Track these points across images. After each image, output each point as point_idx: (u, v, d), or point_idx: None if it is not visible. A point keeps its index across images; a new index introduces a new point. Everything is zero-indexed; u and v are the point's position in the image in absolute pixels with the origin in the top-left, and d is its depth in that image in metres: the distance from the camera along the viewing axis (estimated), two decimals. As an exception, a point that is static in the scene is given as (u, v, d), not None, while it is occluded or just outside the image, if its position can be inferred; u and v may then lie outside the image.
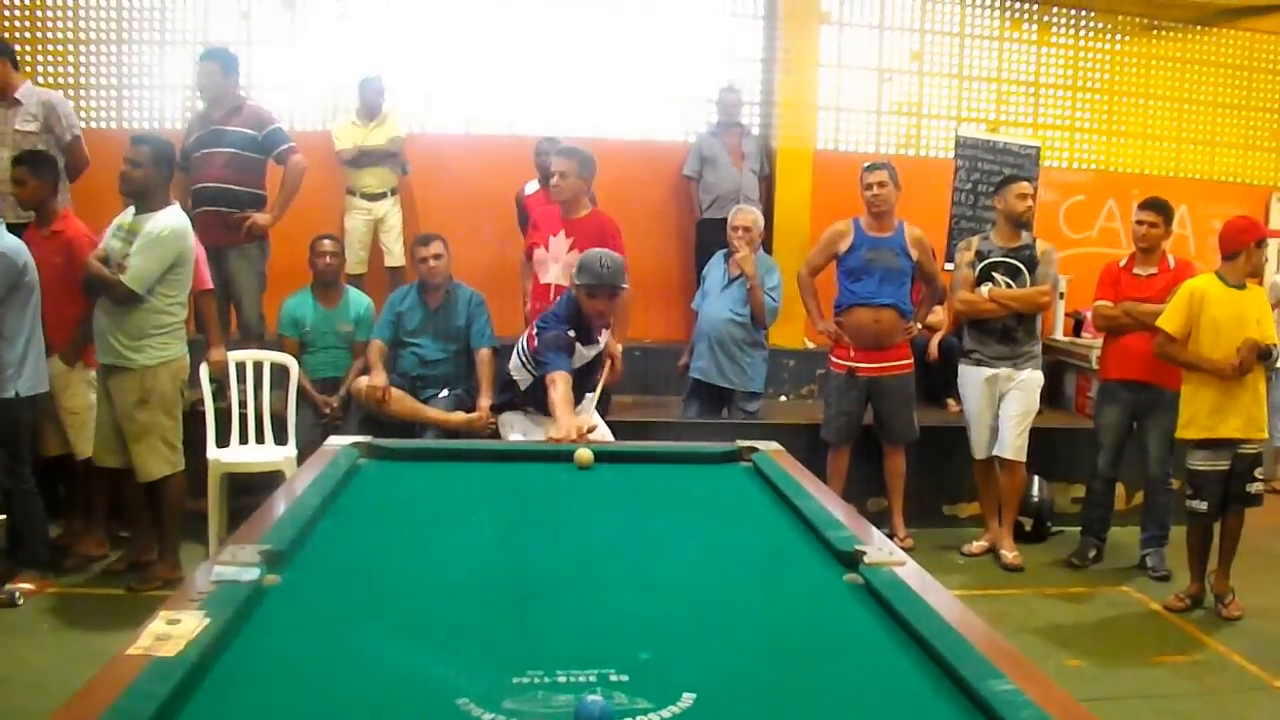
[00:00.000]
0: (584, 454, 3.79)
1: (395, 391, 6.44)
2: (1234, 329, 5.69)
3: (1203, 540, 5.95)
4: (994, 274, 6.47)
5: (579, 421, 4.40)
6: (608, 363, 5.50)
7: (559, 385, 4.65)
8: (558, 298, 5.62)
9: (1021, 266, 6.44)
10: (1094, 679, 4.89)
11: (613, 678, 1.99)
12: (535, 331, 5.14)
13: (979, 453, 6.70)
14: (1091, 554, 6.72)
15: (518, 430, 5.37)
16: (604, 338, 5.31)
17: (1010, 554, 6.67)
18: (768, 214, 8.45)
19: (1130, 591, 6.27)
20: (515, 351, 5.36)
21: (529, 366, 5.19)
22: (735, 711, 1.93)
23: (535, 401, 5.17)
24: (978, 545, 6.80)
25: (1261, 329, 5.72)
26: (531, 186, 7.93)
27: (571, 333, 4.95)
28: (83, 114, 8.29)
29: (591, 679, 1.97)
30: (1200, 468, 5.82)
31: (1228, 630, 5.66)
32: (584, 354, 5.06)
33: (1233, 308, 5.73)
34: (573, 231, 6.11)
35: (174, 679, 1.86)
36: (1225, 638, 5.55)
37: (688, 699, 1.92)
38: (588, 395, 4.97)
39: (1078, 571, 6.62)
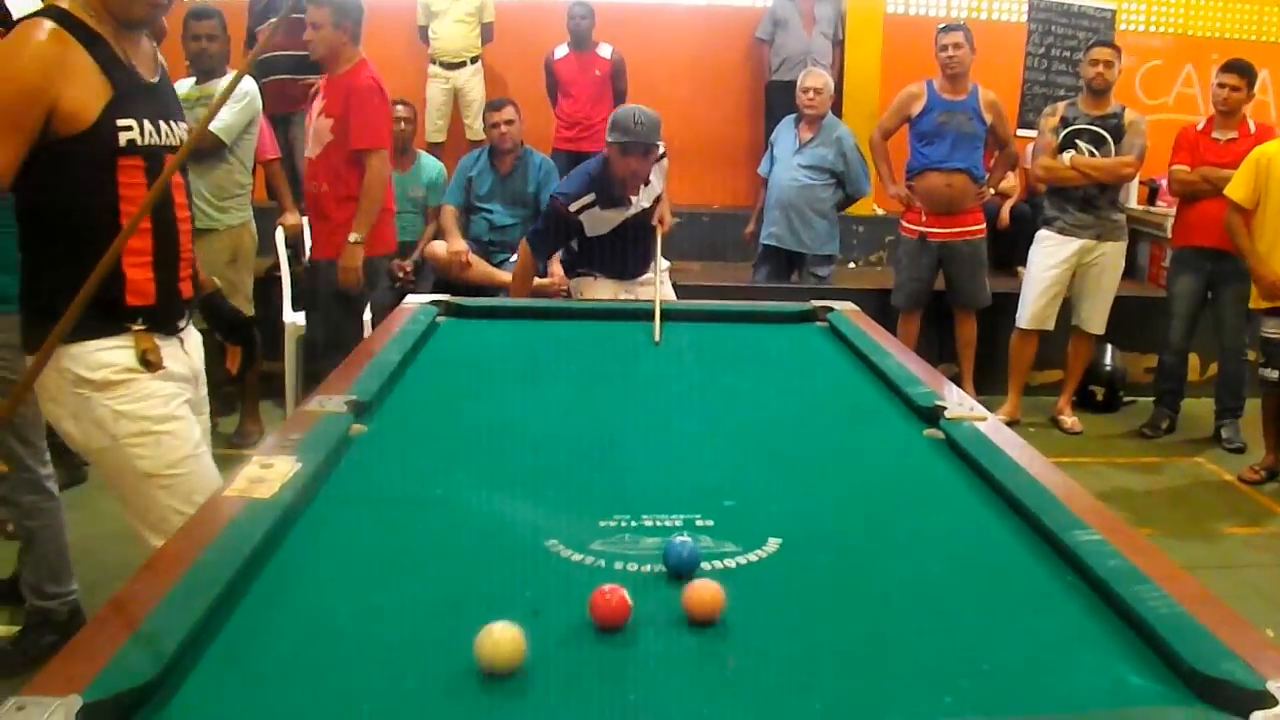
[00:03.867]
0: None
1: (473, 256, 6.47)
2: None
3: (1278, 411, 5.88)
4: (1077, 141, 6.32)
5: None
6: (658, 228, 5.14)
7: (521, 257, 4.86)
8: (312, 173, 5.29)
9: (1107, 135, 6.28)
10: (1166, 548, 4.73)
11: (698, 523, 2.02)
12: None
13: (1028, 322, 6.59)
14: (1164, 424, 6.67)
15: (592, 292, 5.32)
16: (644, 198, 5.01)
17: (1069, 419, 6.70)
18: (839, 79, 8.33)
19: (1204, 463, 6.23)
20: None
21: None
22: (820, 557, 1.96)
23: (595, 263, 5.12)
24: (1001, 415, 6.69)
25: None
26: (561, 51, 7.90)
27: (581, 216, 4.87)
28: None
29: (678, 523, 2.00)
30: (1273, 335, 5.71)
31: (1304, 503, 5.60)
32: (608, 219, 4.91)
33: None
34: (326, 92, 5.20)
35: (270, 519, 1.91)
36: (1302, 511, 5.50)
37: (773, 544, 1.95)
38: (654, 264, 4.85)
39: (1150, 442, 6.56)
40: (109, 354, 2.68)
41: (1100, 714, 1.40)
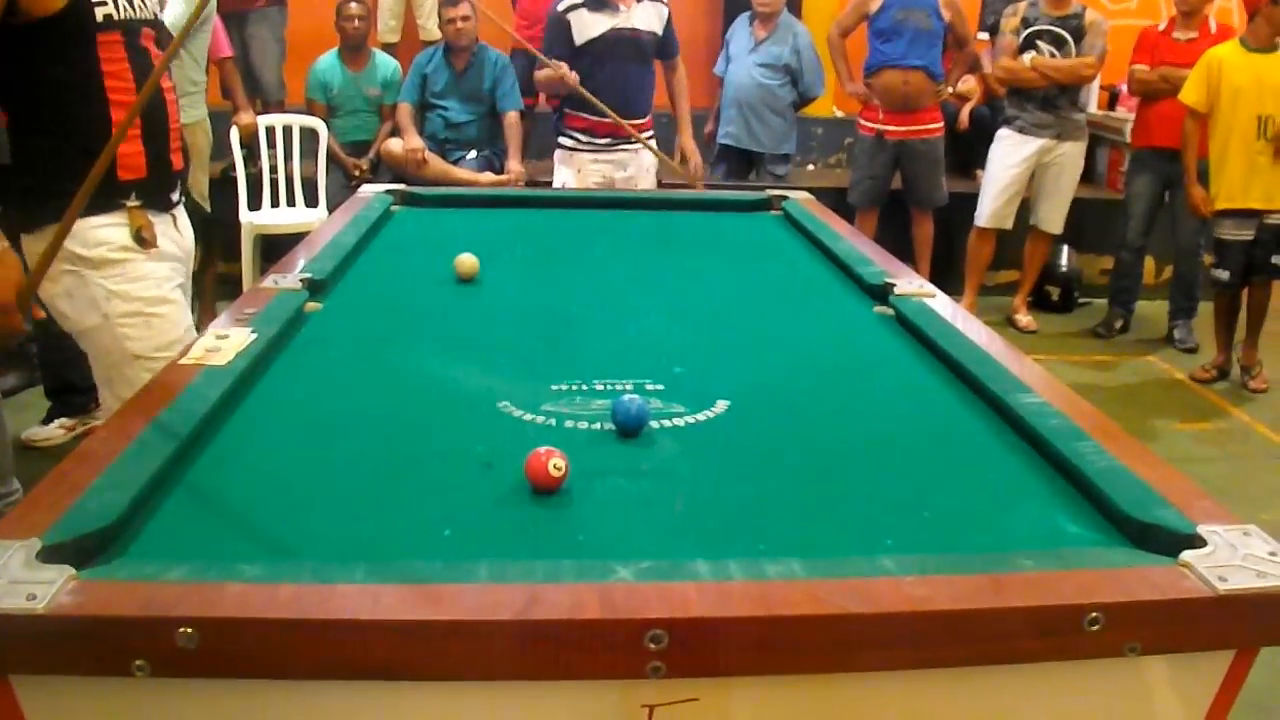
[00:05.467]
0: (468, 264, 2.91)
1: (429, 154, 6.43)
2: (1254, 96, 5.58)
3: (1229, 311, 5.95)
4: (1038, 42, 6.31)
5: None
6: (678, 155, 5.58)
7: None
8: None
9: (1067, 36, 6.26)
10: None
11: (649, 387, 2.05)
12: None
13: (986, 220, 6.64)
14: (1118, 324, 6.76)
15: (566, 173, 5.41)
16: (637, 18, 5.19)
17: (1025, 318, 6.80)
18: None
19: (1156, 361, 6.32)
20: None
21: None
22: (768, 417, 1.99)
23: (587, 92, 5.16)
24: None
25: None
26: None
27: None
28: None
29: (628, 387, 2.03)
30: (1225, 237, 5.78)
31: (1253, 402, 5.73)
32: (595, 23, 5.06)
33: (1253, 73, 5.60)
34: None
35: (226, 383, 1.93)
36: (1250, 408, 5.62)
37: (721, 405, 1.98)
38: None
39: (1104, 341, 6.67)
40: (104, 231, 2.70)
41: (1033, 553, 1.43)
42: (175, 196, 2.92)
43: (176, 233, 2.92)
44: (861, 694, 1.33)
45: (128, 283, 2.73)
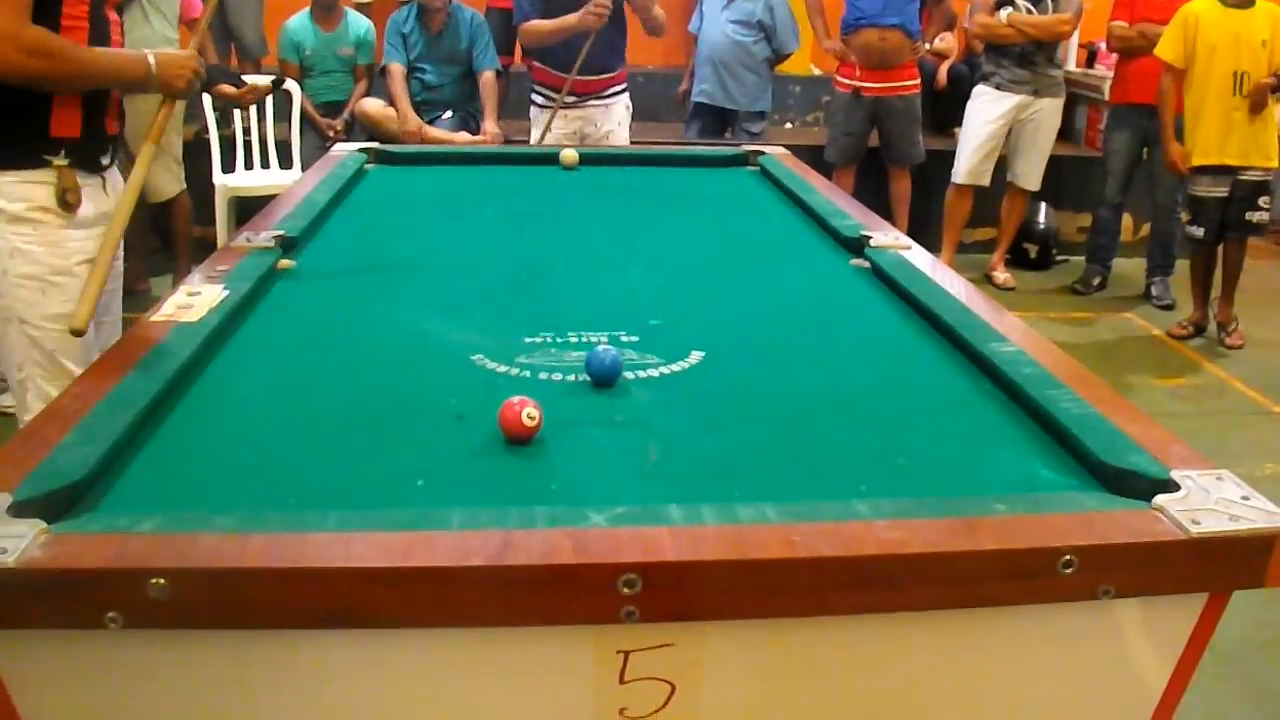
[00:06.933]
0: (570, 155, 3.79)
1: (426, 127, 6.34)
2: (1230, 52, 5.55)
3: (1205, 268, 5.95)
4: None
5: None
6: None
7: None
8: None
9: None
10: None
11: (623, 338, 2.05)
12: None
13: (964, 177, 6.61)
14: (1096, 281, 6.74)
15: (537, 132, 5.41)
16: None
17: (1003, 275, 6.77)
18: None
19: (1133, 318, 6.33)
20: None
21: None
22: (742, 367, 1.99)
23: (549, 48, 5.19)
24: None
25: (1268, 51, 5.58)
26: None
27: None
28: None
29: (603, 339, 2.02)
30: (1201, 193, 5.78)
31: (1228, 358, 5.73)
32: None
33: (1229, 29, 5.57)
34: None
35: (198, 339, 1.92)
36: (1226, 365, 5.62)
37: (696, 355, 1.98)
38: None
39: (1082, 298, 6.65)
40: (29, 188, 2.60)
41: (1007, 498, 1.43)
42: (106, 160, 2.82)
43: (104, 196, 2.79)
44: (835, 637, 1.34)
45: (38, 245, 2.64)
